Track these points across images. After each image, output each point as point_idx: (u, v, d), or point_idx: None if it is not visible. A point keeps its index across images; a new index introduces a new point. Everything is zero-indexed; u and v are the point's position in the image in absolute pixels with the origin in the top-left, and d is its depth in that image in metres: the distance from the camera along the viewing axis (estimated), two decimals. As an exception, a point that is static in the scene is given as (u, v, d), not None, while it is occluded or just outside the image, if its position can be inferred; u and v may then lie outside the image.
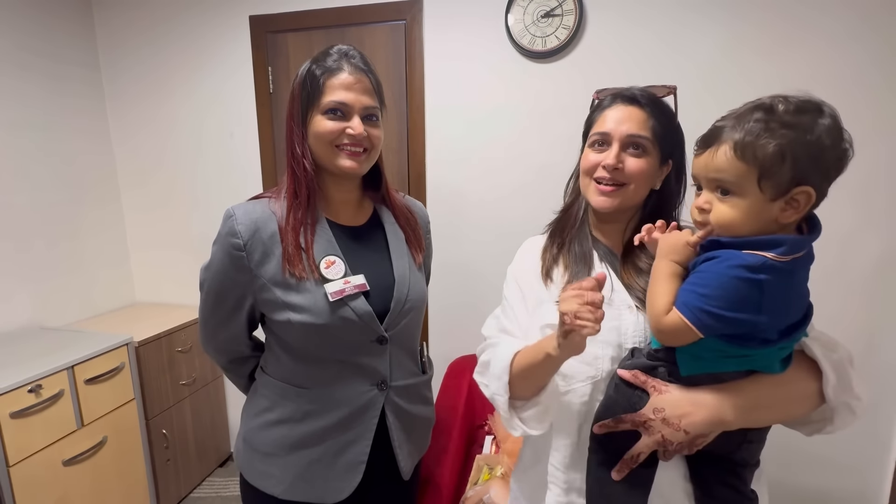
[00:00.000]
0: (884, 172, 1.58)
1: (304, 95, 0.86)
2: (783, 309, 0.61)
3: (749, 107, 0.61)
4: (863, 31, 1.53)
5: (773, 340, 0.62)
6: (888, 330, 1.66)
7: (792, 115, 0.58)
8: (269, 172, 2.14)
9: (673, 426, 0.64)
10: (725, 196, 0.61)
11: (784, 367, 0.66)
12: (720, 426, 0.65)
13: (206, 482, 2.26)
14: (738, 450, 0.69)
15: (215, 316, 0.95)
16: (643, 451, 0.66)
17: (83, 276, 2.17)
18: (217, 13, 2.06)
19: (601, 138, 0.78)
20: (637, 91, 0.78)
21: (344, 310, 0.86)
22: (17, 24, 1.89)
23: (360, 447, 0.92)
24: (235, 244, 0.86)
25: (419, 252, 1.00)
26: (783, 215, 0.60)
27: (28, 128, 1.93)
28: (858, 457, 1.75)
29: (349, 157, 0.87)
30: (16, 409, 1.45)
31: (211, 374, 2.29)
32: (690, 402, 0.65)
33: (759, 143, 0.57)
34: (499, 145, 1.88)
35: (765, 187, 0.58)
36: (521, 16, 1.73)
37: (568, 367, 0.74)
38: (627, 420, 0.67)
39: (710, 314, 0.59)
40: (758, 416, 0.66)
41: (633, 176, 0.76)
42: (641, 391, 0.68)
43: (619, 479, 0.67)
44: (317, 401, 0.91)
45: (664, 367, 0.68)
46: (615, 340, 0.74)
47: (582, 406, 0.75)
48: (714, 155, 0.61)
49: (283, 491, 0.92)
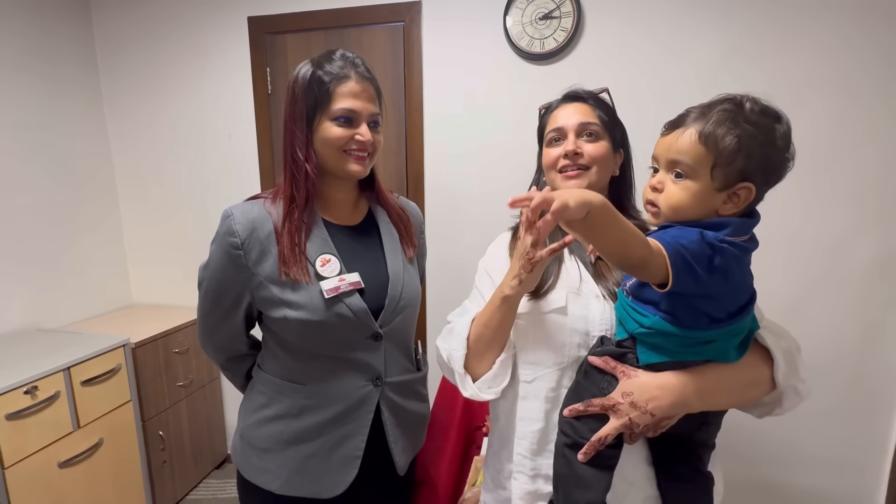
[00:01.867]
0: (873, 176, 1.60)
1: (311, 100, 0.88)
2: (731, 288, 0.64)
3: (720, 98, 0.64)
4: (854, 37, 1.55)
5: (722, 320, 0.65)
6: (882, 332, 1.68)
7: (757, 114, 0.62)
8: (267, 173, 2.14)
9: (640, 409, 0.67)
10: (679, 179, 0.65)
11: (739, 355, 0.69)
12: (684, 409, 0.68)
13: (203, 484, 2.25)
14: (698, 431, 0.73)
15: (214, 314, 0.97)
16: (611, 433, 0.68)
17: (80, 277, 2.16)
18: (215, 14, 2.07)
19: (557, 134, 0.85)
20: (577, 90, 0.87)
21: (339, 306, 0.88)
22: (15, 26, 1.89)
23: (356, 442, 0.94)
24: (233, 243, 0.87)
25: (410, 247, 1.02)
26: (724, 207, 0.64)
27: (26, 129, 1.93)
28: (856, 458, 1.76)
29: (356, 162, 0.90)
30: (11, 410, 1.45)
31: (208, 376, 2.28)
32: (657, 387, 0.68)
33: (721, 132, 0.61)
34: (496, 146, 1.88)
35: (716, 175, 0.62)
36: (519, 18, 1.74)
37: (535, 356, 0.80)
38: (597, 404, 0.70)
39: (687, 264, 0.59)
40: (718, 400, 0.70)
41: (593, 158, 0.82)
42: (611, 377, 0.71)
43: (585, 460, 0.69)
44: (313, 396, 0.92)
45: (632, 354, 0.71)
46: (583, 329, 0.77)
47: (550, 392, 0.78)
48: (679, 137, 0.64)
49: (279, 486, 0.93)
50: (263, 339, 1.01)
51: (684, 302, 0.64)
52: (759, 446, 1.83)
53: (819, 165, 1.61)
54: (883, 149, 1.59)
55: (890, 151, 1.58)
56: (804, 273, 1.70)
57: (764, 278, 1.75)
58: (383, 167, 1.99)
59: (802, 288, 1.70)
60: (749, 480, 1.86)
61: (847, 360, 1.71)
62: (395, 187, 1.99)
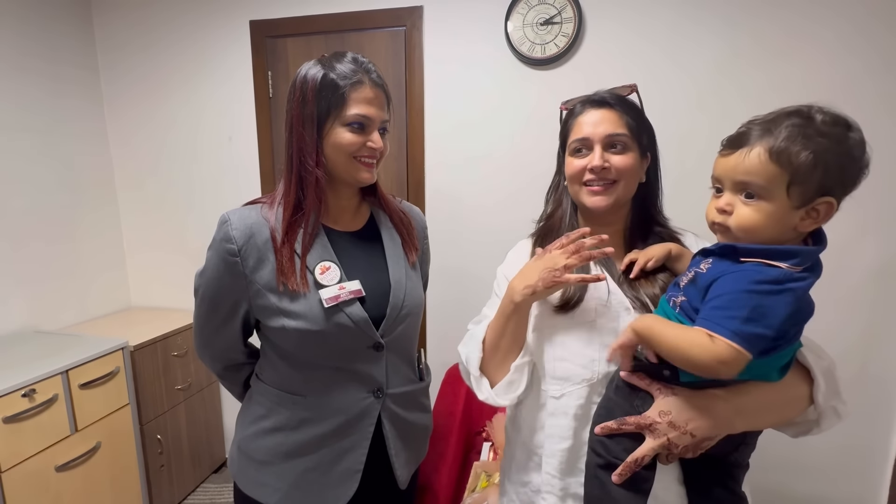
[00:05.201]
0: (875, 181, 1.59)
1: (323, 104, 0.84)
2: (800, 319, 0.62)
3: (784, 112, 0.61)
4: (857, 41, 1.55)
5: (776, 348, 0.62)
6: (884, 338, 1.67)
7: (829, 125, 0.59)
8: (267, 177, 2.14)
9: (679, 429, 0.64)
10: (750, 199, 0.61)
11: (782, 374, 0.66)
12: (728, 429, 0.65)
13: (201, 488, 2.24)
14: (735, 452, 0.70)
15: (210, 322, 0.94)
16: (648, 454, 0.65)
17: (79, 279, 2.15)
18: (217, 17, 2.07)
19: (581, 144, 0.80)
20: (604, 94, 0.81)
21: (339, 316, 0.85)
22: (15, 25, 1.89)
23: (356, 455, 0.91)
24: (230, 249, 0.85)
25: (413, 251, 1.00)
26: (802, 224, 0.60)
27: (25, 130, 1.92)
28: (856, 464, 1.75)
29: (366, 169, 0.89)
30: (9, 413, 1.44)
31: (206, 379, 2.27)
32: (697, 406, 0.64)
33: (795, 148, 0.57)
34: (498, 151, 1.89)
35: (793, 193, 0.58)
36: (520, 23, 1.75)
37: (563, 370, 0.76)
38: (632, 423, 0.66)
39: (757, 335, 0.57)
40: (761, 420, 0.67)
41: (621, 172, 0.78)
42: (645, 394, 0.67)
43: (619, 482, 0.66)
44: (312, 408, 0.90)
45: (668, 370, 0.67)
46: (612, 343, 0.73)
47: (578, 409, 0.75)
48: (745, 157, 0.60)
49: (278, 500, 0.91)
50: (262, 349, 0.99)
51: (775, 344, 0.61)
52: (761, 452, 1.82)
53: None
54: (885, 153, 1.59)
55: (891, 155, 1.58)
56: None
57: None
58: (384, 171, 1.99)
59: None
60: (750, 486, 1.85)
61: (848, 365, 1.71)
62: (396, 192, 1.99)
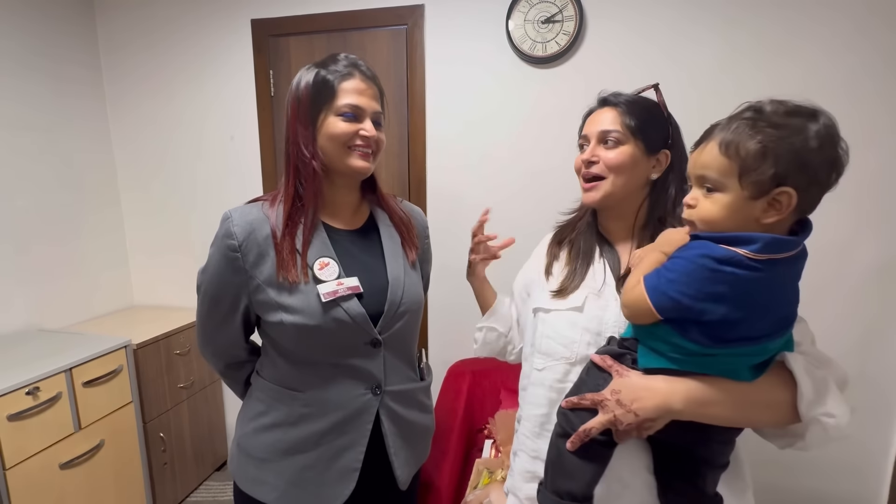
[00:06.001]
0: (876, 180, 1.60)
1: (315, 98, 0.88)
2: (751, 309, 0.61)
3: (742, 107, 0.63)
4: (856, 40, 1.55)
5: (727, 341, 0.63)
6: (885, 336, 1.68)
7: (781, 116, 0.59)
8: (269, 176, 2.14)
9: (625, 407, 0.67)
10: (710, 193, 0.63)
11: (754, 375, 0.66)
12: (668, 414, 0.67)
13: (203, 486, 2.25)
14: (698, 446, 0.71)
15: (212, 318, 0.95)
16: (595, 426, 0.69)
17: (82, 278, 2.16)
18: (219, 16, 2.07)
19: (583, 141, 0.88)
20: (609, 94, 0.86)
21: (336, 311, 0.86)
22: (18, 22, 1.89)
23: (354, 453, 0.91)
24: (231, 245, 0.87)
25: (412, 250, 1.00)
26: (765, 215, 0.61)
27: (29, 128, 1.93)
28: (857, 461, 1.76)
29: (361, 158, 0.90)
30: (13, 411, 1.44)
31: (209, 378, 2.28)
32: (644, 388, 0.68)
33: (743, 139, 0.59)
34: (499, 149, 1.89)
35: (745, 184, 0.60)
36: (521, 21, 1.75)
37: (547, 347, 0.84)
38: (588, 398, 0.71)
39: (670, 297, 0.62)
40: (709, 412, 0.66)
41: (610, 167, 0.82)
42: (608, 374, 0.72)
43: (571, 449, 0.71)
44: (311, 404, 0.90)
45: (630, 355, 0.71)
46: (595, 328, 0.80)
47: (555, 383, 0.82)
48: (702, 151, 0.64)
49: (276, 498, 0.91)
50: (262, 345, 0.99)
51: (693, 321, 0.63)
52: (761, 450, 1.83)
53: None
54: (884, 152, 1.59)
55: (891, 154, 1.59)
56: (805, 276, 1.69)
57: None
58: (385, 170, 2.00)
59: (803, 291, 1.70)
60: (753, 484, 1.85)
61: (848, 363, 1.69)
62: (398, 191, 2.00)
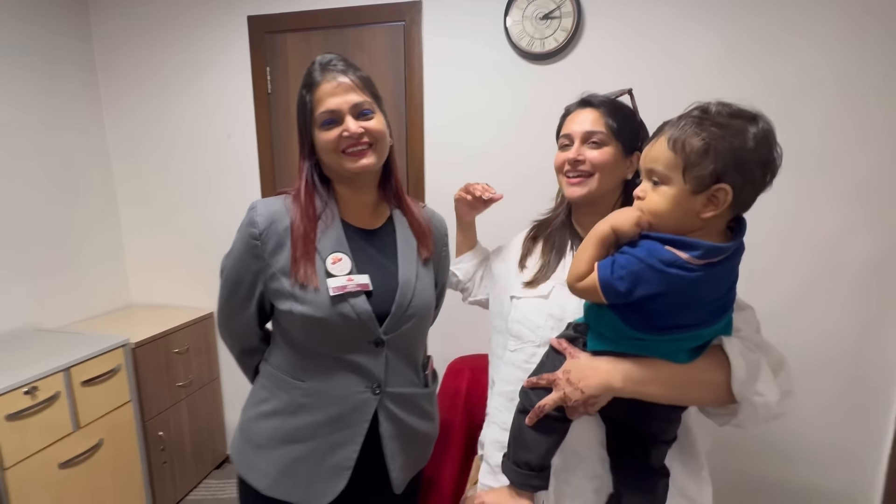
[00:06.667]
0: (869, 176, 1.62)
1: (301, 117, 0.93)
2: (686, 302, 0.68)
3: (691, 107, 0.68)
4: (850, 38, 1.56)
5: (664, 329, 0.70)
6: (878, 329, 1.70)
7: (725, 117, 0.64)
8: (267, 173, 2.13)
9: (573, 385, 0.74)
10: (657, 186, 0.68)
11: (691, 357, 0.73)
12: (609, 391, 0.73)
13: (203, 484, 2.25)
14: (643, 424, 0.78)
15: (231, 303, 0.98)
16: (548, 403, 0.76)
17: (78, 277, 2.15)
18: (215, 14, 2.06)
19: (566, 140, 0.92)
20: (590, 96, 0.92)
21: (343, 306, 0.88)
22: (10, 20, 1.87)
23: (348, 451, 0.92)
24: (252, 233, 0.91)
25: (426, 252, 1.01)
26: (704, 210, 0.65)
27: (23, 126, 1.91)
28: (853, 452, 1.78)
29: (355, 158, 0.90)
30: (11, 410, 1.44)
31: (208, 376, 2.28)
32: (590, 367, 0.74)
33: (688, 136, 0.64)
34: (497, 146, 1.89)
35: (688, 178, 0.64)
36: (519, 17, 1.75)
37: (517, 330, 0.92)
38: (544, 378, 0.78)
39: (616, 290, 0.68)
40: (647, 390, 0.73)
41: (595, 166, 0.87)
42: (563, 357, 0.79)
43: (530, 424, 0.78)
44: (310, 395, 0.92)
45: (582, 338, 0.79)
46: (558, 315, 0.87)
47: (523, 363, 0.89)
48: (653, 146, 0.68)
49: (266, 486, 0.93)
50: (272, 333, 1.02)
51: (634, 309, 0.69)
52: (759, 441, 1.85)
53: (815, 165, 1.62)
54: (878, 149, 1.60)
55: (885, 151, 1.60)
56: (801, 271, 1.71)
57: (762, 277, 1.77)
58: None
59: (800, 286, 1.72)
60: (748, 474, 1.87)
61: (844, 356, 1.73)
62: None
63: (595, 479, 0.82)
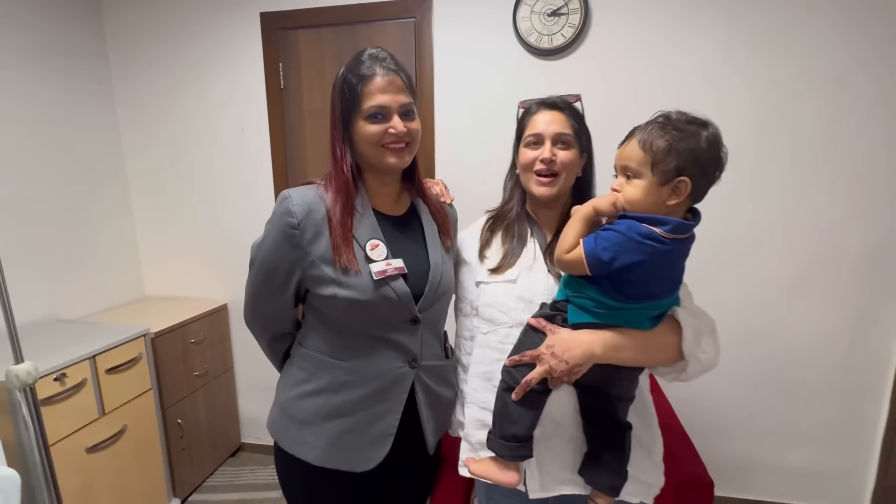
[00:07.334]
0: (866, 168, 1.68)
1: (345, 103, 0.95)
2: (656, 274, 0.81)
3: (656, 114, 0.82)
4: (849, 32, 1.62)
5: (637, 297, 0.83)
6: (872, 315, 1.76)
7: (683, 122, 0.79)
8: (279, 168, 2.18)
9: (558, 358, 0.84)
10: (630, 179, 0.82)
11: (653, 324, 0.86)
12: (591, 358, 0.84)
13: (219, 471, 2.30)
14: (613, 385, 0.89)
15: (264, 291, 1.01)
16: (535, 377, 0.85)
17: (94, 270, 2.19)
18: (228, 10, 2.10)
19: (535, 138, 0.98)
20: (556, 98, 1.00)
21: (385, 289, 0.94)
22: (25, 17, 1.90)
23: (390, 420, 0.99)
24: (290, 223, 0.93)
25: (447, 238, 1.08)
26: (669, 198, 0.80)
27: (39, 122, 1.95)
28: (848, 434, 1.85)
29: (394, 154, 0.95)
30: (43, 396, 1.49)
31: (222, 366, 2.33)
32: (572, 340, 0.85)
33: (655, 138, 0.78)
34: (505, 141, 1.93)
35: (656, 173, 0.79)
36: (528, 14, 1.80)
37: (489, 314, 0.98)
38: (528, 355, 0.87)
39: (600, 259, 0.80)
40: (621, 355, 0.85)
41: (564, 165, 0.96)
42: (543, 334, 0.88)
43: (516, 399, 0.87)
44: (352, 373, 0.98)
45: (561, 315, 0.88)
46: (528, 297, 0.95)
47: (498, 344, 0.96)
48: (626, 147, 0.83)
49: (316, 457, 0.98)
50: (305, 318, 1.06)
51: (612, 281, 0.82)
52: (755, 424, 1.92)
53: (814, 157, 1.68)
54: (875, 141, 1.66)
55: (882, 144, 1.66)
56: (799, 259, 1.78)
57: (761, 265, 1.83)
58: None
59: (798, 273, 1.78)
60: (744, 456, 1.94)
61: (840, 341, 1.80)
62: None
63: (572, 442, 0.92)
